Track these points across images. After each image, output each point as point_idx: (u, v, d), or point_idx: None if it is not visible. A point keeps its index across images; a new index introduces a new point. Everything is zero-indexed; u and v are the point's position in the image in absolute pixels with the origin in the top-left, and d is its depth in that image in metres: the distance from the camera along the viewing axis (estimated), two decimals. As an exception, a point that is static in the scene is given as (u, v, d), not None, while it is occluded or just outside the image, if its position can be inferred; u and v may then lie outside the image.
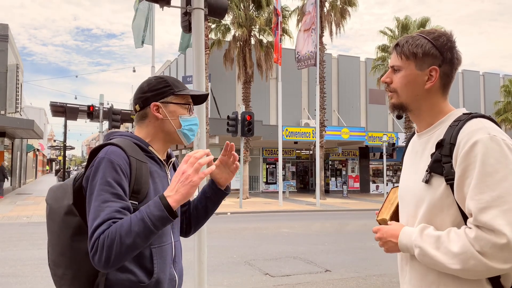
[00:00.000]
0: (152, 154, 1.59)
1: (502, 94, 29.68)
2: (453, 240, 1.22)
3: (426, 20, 24.98)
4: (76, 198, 1.47)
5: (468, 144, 1.23)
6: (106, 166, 1.42)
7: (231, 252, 8.09)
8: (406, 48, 1.40)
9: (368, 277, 6.39)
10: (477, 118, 1.30)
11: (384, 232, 1.44)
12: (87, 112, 16.30)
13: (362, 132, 25.44)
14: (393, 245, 1.40)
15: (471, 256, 1.17)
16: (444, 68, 1.37)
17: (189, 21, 4.16)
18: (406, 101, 1.42)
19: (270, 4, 22.28)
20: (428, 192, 1.33)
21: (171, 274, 1.58)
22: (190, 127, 1.64)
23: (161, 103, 1.60)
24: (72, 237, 1.44)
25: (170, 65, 33.14)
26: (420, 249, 1.28)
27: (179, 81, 1.66)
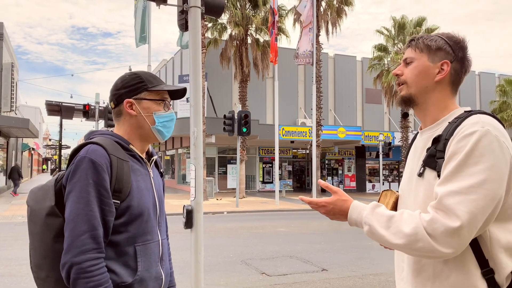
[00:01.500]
0: (134, 152, 1.58)
1: (498, 93, 29.78)
2: (405, 220, 1.24)
3: (422, 20, 25.02)
4: (58, 199, 1.44)
5: (459, 136, 1.24)
6: (88, 166, 1.40)
7: (228, 251, 8.08)
8: (421, 41, 1.44)
9: (364, 276, 6.40)
10: (476, 114, 1.30)
11: (331, 209, 1.43)
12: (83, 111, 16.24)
13: (358, 131, 25.48)
14: (342, 219, 1.43)
15: (421, 238, 1.18)
16: (455, 65, 1.40)
17: (186, 20, 4.14)
18: (415, 92, 1.43)
19: (266, 3, 22.25)
20: (421, 186, 1.34)
21: (157, 272, 1.55)
22: (164, 124, 1.61)
23: (134, 100, 1.58)
24: (55, 239, 1.41)
25: (167, 64, 33.05)
26: (369, 226, 1.31)
27: (154, 77, 1.64)
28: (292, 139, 23.74)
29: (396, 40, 25.52)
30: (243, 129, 15.79)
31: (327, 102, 27.95)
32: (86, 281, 1.33)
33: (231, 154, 26.20)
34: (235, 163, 24.71)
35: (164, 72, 33.33)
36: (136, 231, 1.49)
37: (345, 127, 25.26)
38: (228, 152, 26.48)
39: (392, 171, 30.73)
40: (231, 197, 21.49)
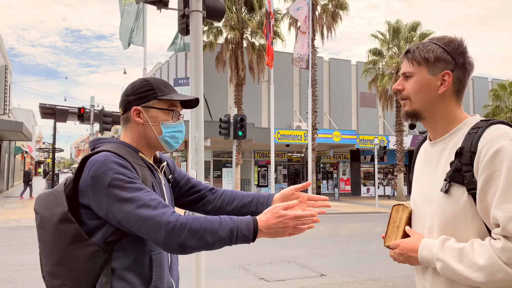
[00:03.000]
0: (144, 159, 1.54)
1: (491, 98, 30.00)
2: (477, 252, 1.17)
3: (417, 24, 25.17)
4: (70, 204, 1.39)
5: (490, 152, 1.19)
6: (111, 166, 1.37)
7: (225, 256, 8.02)
8: (417, 53, 1.37)
9: (363, 282, 6.37)
10: (496, 124, 1.26)
11: (403, 248, 1.36)
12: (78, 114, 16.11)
13: (353, 135, 25.53)
14: (414, 259, 1.34)
15: (498, 269, 1.12)
16: (457, 73, 1.34)
17: (187, 24, 4.11)
18: (420, 107, 1.38)
19: (262, 7, 22.29)
20: (448, 203, 1.27)
21: (169, 281, 1.52)
22: (172, 134, 1.57)
23: (142, 108, 1.53)
24: (70, 245, 1.36)
25: (161, 67, 32.95)
26: (442, 262, 1.23)
27: (166, 85, 1.58)
28: (288, 142, 23.72)
29: (391, 44, 25.66)
30: (239, 133, 15.74)
31: (322, 106, 28.01)
32: (192, 228, 1.31)
33: (226, 157, 26.13)
34: (230, 166, 24.64)
35: (159, 76, 33.22)
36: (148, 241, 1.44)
37: (340, 131, 25.30)
38: (223, 156, 26.40)
39: (386, 175, 30.80)
40: (226, 201, 21.40)
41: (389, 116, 28.40)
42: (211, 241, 1.32)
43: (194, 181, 1.83)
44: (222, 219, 1.35)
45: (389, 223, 1.50)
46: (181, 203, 1.81)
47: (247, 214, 1.65)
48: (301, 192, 1.72)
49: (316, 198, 1.69)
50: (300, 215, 1.38)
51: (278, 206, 1.40)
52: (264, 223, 1.36)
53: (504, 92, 29.35)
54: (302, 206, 1.66)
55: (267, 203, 1.72)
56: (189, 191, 1.81)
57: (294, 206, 1.41)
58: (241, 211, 1.74)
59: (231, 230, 1.33)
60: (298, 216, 1.38)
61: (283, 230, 1.38)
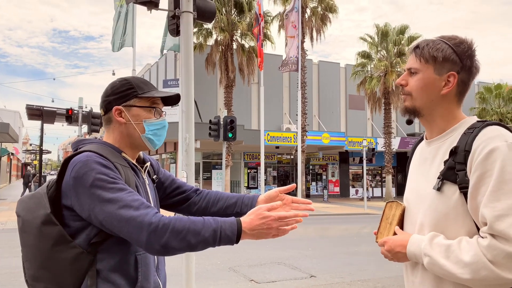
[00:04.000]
0: (127, 159, 1.53)
1: (477, 100, 30.45)
2: (464, 249, 1.19)
3: (405, 28, 25.44)
4: (53, 206, 1.37)
5: (484, 151, 1.20)
6: (94, 166, 1.35)
7: (215, 258, 8.00)
8: (426, 51, 1.36)
9: (353, 283, 6.41)
10: (493, 125, 1.27)
11: (391, 244, 1.39)
12: (66, 116, 15.91)
13: (342, 137, 25.70)
14: (402, 255, 1.36)
15: (483, 266, 1.14)
16: (462, 76, 1.35)
17: (177, 24, 4.10)
18: (420, 105, 1.39)
19: (252, 9, 22.33)
20: (440, 201, 1.29)
21: (155, 282, 1.51)
22: (155, 132, 1.56)
23: (123, 107, 1.52)
24: (53, 248, 1.34)
25: (151, 68, 32.77)
26: (429, 258, 1.25)
27: (146, 83, 1.58)
28: (277, 144, 23.77)
29: (379, 47, 25.89)
30: (229, 134, 15.73)
31: (312, 108, 28.13)
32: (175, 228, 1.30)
33: (215, 159, 26.08)
34: (220, 168, 24.59)
35: (148, 77, 33.02)
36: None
37: (329, 133, 25.44)
38: (213, 158, 26.34)
39: (375, 177, 31.03)
40: (215, 203, 21.34)
41: (378, 119, 28.63)
42: (194, 242, 1.31)
43: (179, 182, 1.83)
44: (206, 220, 1.35)
45: (382, 219, 1.51)
46: (166, 204, 1.81)
47: (231, 215, 1.64)
48: (286, 194, 1.72)
49: (300, 201, 1.70)
50: (283, 216, 1.39)
51: (262, 207, 1.40)
52: (248, 224, 1.36)
53: (490, 95, 29.83)
54: (286, 209, 1.67)
55: (252, 204, 1.72)
56: (174, 192, 1.80)
57: (278, 208, 1.41)
58: (226, 212, 1.74)
59: (214, 231, 1.32)
60: (281, 217, 1.38)
61: (267, 232, 1.38)
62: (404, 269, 1.48)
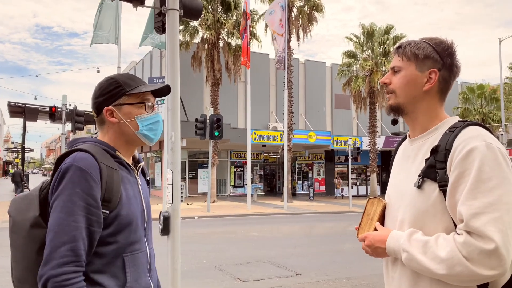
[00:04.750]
0: (121, 159, 1.52)
1: (460, 100, 30.98)
2: (441, 245, 1.22)
3: (390, 28, 25.69)
4: (42, 209, 1.37)
5: (464, 151, 1.23)
6: (75, 174, 1.33)
7: (201, 257, 7.98)
8: (408, 49, 1.42)
9: (338, 280, 6.46)
10: (473, 125, 1.31)
11: (371, 239, 1.42)
12: (49, 113, 15.63)
13: (328, 136, 25.86)
14: (382, 250, 1.39)
15: (458, 262, 1.17)
16: (443, 73, 1.39)
17: (163, 22, 4.07)
18: (404, 102, 1.43)
19: (238, 8, 22.29)
20: (420, 198, 1.32)
21: (146, 283, 1.50)
22: (149, 127, 1.55)
23: (114, 107, 1.51)
24: (39, 251, 1.33)
25: (136, 65, 32.47)
26: (407, 253, 1.27)
27: (133, 78, 1.56)
28: (264, 143, 23.80)
29: (365, 47, 26.10)
30: (215, 133, 15.69)
31: (298, 107, 28.23)
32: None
33: (202, 158, 25.99)
34: (206, 167, 24.51)
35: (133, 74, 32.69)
36: (124, 241, 1.43)
37: (315, 132, 25.58)
38: (199, 156, 26.25)
39: (360, 175, 31.31)
40: (201, 202, 21.28)
41: (363, 118, 28.89)
42: None
43: None
44: None
45: (363, 215, 1.54)
46: None
47: None
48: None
49: None
50: None
51: None
52: None
53: (473, 95, 30.38)
54: None
55: None
56: None
57: None
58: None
59: None
60: None
61: None
62: (384, 265, 1.50)
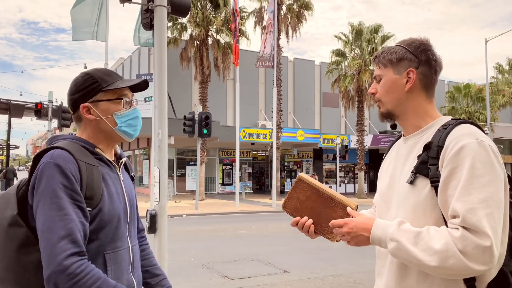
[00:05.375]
0: (101, 155, 1.49)
1: (447, 99, 31.31)
2: (434, 237, 1.22)
3: (378, 27, 25.87)
4: (20, 208, 1.35)
5: (456, 147, 1.25)
6: (54, 171, 1.31)
7: (189, 255, 7.96)
8: (382, 57, 1.47)
9: (325, 278, 6.50)
10: (465, 123, 1.33)
11: (353, 226, 1.36)
12: (35, 110, 15.41)
13: (316, 134, 25.97)
14: (364, 238, 1.35)
15: (452, 255, 1.17)
16: (421, 69, 1.42)
17: (151, 18, 4.04)
18: (392, 107, 1.46)
19: (227, 5, 22.22)
20: (412, 193, 1.33)
21: (129, 280, 1.49)
22: (128, 123, 1.53)
23: (90, 103, 1.48)
24: (19, 250, 1.32)
25: (124, 62, 32.18)
26: (397, 243, 1.26)
27: (110, 73, 1.53)
28: (253, 141, 23.81)
29: (354, 45, 26.24)
30: (203, 131, 15.64)
31: (287, 105, 28.29)
32: (81, 283, 1.24)
33: (190, 155, 25.90)
34: (194, 165, 24.43)
35: (121, 71, 32.42)
36: (105, 238, 1.41)
37: (304, 130, 25.66)
38: (187, 154, 26.15)
39: (348, 173, 31.54)
40: (190, 200, 21.22)
41: (351, 116, 29.07)
42: None
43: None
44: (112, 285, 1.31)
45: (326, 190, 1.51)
46: None
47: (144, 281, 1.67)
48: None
49: None
50: None
51: None
52: None
53: (459, 94, 30.72)
54: None
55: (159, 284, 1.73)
56: None
57: None
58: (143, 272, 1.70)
59: None
60: None
61: None
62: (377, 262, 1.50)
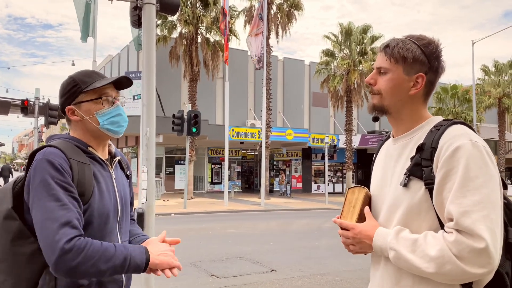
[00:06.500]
0: (93, 154, 1.56)
1: (435, 100, 31.68)
2: (430, 243, 1.21)
3: (368, 27, 26.05)
4: (15, 202, 1.42)
5: (450, 149, 1.23)
6: (47, 166, 1.38)
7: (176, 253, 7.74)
8: (397, 51, 1.37)
9: (312, 276, 6.54)
10: (458, 124, 1.31)
11: (358, 232, 1.38)
12: (21, 107, 15.15)
13: (305, 133, 26.07)
14: (367, 246, 1.37)
15: (448, 260, 1.17)
16: (429, 76, 1.37)
17: (139, 16, 4.02)
18: (389, 104, 1.40)
19: (217, 3, 22.16)
20: (406, 196, 1.31)
21: (118, 276, 1.54)
22: (111, 120, 1.58)
23: (74, 105, 1.56)
24: (13, 242, 1.39)
25: (112, 60, 31.89)
26: (395, 252, 1.26)
27: (89, 75, 1.59)
28: (242, 140, 23.80)
29: (343, 46, 26.39)
30: (192, 129, 15.59)
31: (276, 104, 28.33)
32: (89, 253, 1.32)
33: (179, 154, 25.79)
34: (183, 163, 24.32)
35: (109, 68, 32.14)
36: (95, 234, 1.46)
37: (293, 129, 25.74)
38: (176, 152, 26.04)
39: (336, 172, 31.72)
40: (178, 198, 21.14)
41: (340, 116, 29.24)
42: (104, 268, 1.35)
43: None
44: (117, 247, 1.40)
45: (344, 204, 1.50)
46: None
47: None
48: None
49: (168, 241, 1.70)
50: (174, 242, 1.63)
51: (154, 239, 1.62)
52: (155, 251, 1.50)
53: (446, 95, 31.13)
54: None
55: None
56: None
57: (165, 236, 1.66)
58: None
59: (124, 259, 1.38)
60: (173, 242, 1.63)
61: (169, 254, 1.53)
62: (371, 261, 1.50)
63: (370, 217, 1.42)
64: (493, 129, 33.23)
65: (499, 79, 31.54)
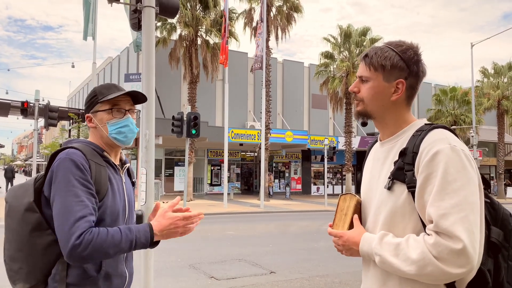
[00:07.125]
0: (107, 158, 1.72)
1: (434, 102, 31.74)
2: (411, 247, 1.26)
3: (367, 30, 26.13)
4: (36, 196, 1.56)
5: (430, 153, 1.28)
6: (69, 165, 1.52)
7: (175, 255, 7.94)
8: (375, 59, 1.42)
9: (311, 278, 6.55)
10: (438, 128, 1.36)
11: (346, 240, 1.46)
12: (21, 109, 15.19)
13: (305, 135, 26.09)
14: (356, 251, 1.44)
15: (429, 262, 1.21)
16: (410, 81, 1.41)
17: (139, 19, 4.04)
18: (372, 110, 1.46)
19: (217, 5, 22.21)
20: (390, 199, 1.36)
21: (122, 270, 1.69)
22: (118, 130, 1.72)
23: (91, 114, 1.74)
24: (31, 233, 1.52)
25: (112, 61, 31.91)
26: (380, 257, 1.32)
27: (109, 88, 1.74)
28: (241, 142, 23.81)
29: (342, 48, 26.46)
30: (192, 131, 15.60)
31: (276, 106, 28.36)
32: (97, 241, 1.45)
33: (178, 156, 25.79)
34: (182, 165, 24.32)
35: (109, 71, 32.17)
36: None
37: (292, 131, 25.77)
38: (176, 154, 26.04)
39: (335, 174, 31.73)
40: (178, 200, 21.11)
41: (339, 118, 29.27)
42: (113, 253, 1.51)
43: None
44: (123, 231, 1.53)
45: (336, 211, 1.55)
46: None
47: None
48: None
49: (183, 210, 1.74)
50: (188, 215, 1.64)
51: (166, 209, 1.65)
52: (157, 227, 1.60)
53: (446, 97, 31.17)
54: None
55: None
56: None
57: (178, 203, 1.70)
58: None
59: (131, 241, 1.53)
60: (186, 216, 1.63)
61: (174, 230, 1.62)
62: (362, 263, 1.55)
63: (358, 224, 1.48)
64: (492, 131, 33.27)
65: (498, 81, 31.60)
